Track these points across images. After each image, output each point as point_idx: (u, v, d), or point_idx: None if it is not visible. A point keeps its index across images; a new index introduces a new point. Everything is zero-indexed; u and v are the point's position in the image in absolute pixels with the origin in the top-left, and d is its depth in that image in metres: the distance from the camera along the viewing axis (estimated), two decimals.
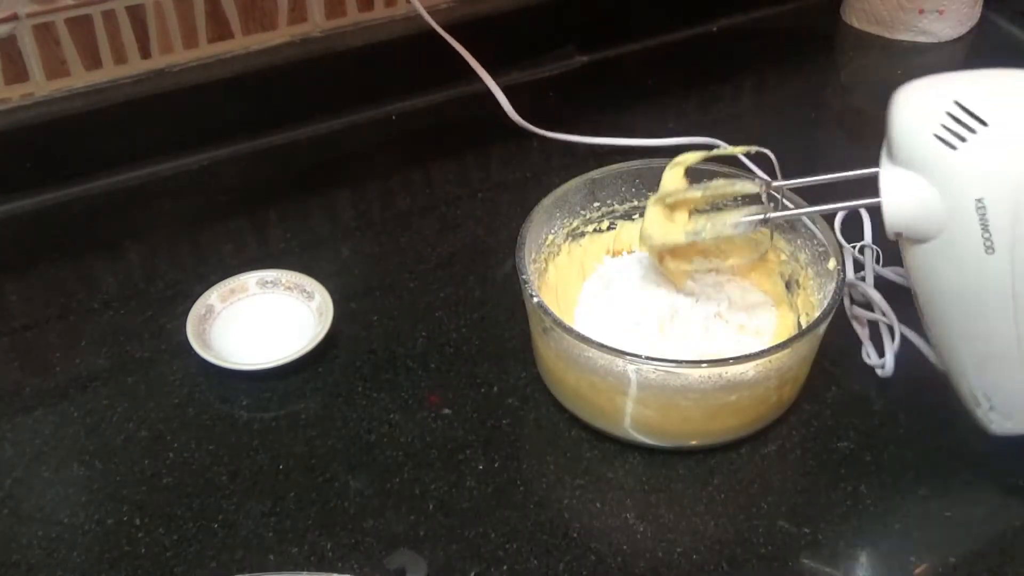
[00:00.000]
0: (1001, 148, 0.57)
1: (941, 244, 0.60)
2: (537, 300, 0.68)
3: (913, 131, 0.60)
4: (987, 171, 0.58)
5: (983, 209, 0.58)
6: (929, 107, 0.59)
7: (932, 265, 0.62)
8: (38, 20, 0.87)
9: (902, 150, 0.61)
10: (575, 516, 0.67)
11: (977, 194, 0.58)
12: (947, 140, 0.58)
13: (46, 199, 0.94)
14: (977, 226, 0.58)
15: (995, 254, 0.58)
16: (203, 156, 0.99)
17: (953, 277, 0.61)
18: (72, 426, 0.73)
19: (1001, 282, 0.59)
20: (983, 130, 0.57)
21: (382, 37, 1.02)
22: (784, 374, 0.67)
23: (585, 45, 1.12)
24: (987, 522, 0.66)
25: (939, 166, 0.59)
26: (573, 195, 0.78)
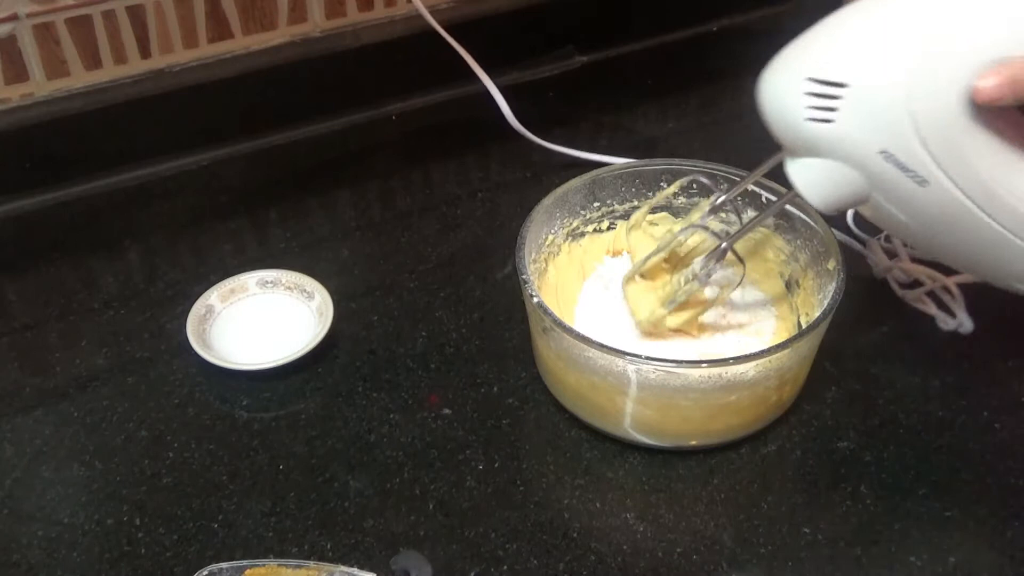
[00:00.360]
0: (872, 96, 0.56)
1: (881, 199, 0.60)
2: (537, 300, 0.68)
3: (787, 126, 0.59)
4: (872, 125, 0.57)
5: (890, 156, 0.57)
6: (789, 96, 0.58)
7: (888, 216, 0.61)
8: (38, 20, 0.87)
9: (788, 145, 0.61)
10: (575, 516, 0.67)
11: (876, 148, 0.57)
12: (821, 119, 0.57)
13: (46, 199, 0.94)
14: (897, 173, 0.57)
15: (929, 184, 0.57)
16: (203, 156, 0.99)
17: (913, 217, 0.60)
18: (72, 426, 0.73)
19: (951, 201, 0.58)
20: (847, 91, 0.56)
21: (382, 37, 1.02)
22: (784, 374, 0.67)
23: (585, 45, 1.12)
24: (987, 522, 0.66)
25: (828, 143, 0.58)
26: (573, 195, 0.78)
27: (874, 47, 0.56)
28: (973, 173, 0.57)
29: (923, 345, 0.78)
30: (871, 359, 0.77)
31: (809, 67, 0.57)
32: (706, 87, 1.07)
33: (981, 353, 0.77)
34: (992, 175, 0.57)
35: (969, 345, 0.77)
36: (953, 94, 0.54)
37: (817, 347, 0.70)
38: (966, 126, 0.55)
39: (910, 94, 0.55)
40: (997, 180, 0.57)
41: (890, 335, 0.79)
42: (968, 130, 0.55)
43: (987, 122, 0.55)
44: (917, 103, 0.55)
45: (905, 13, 0.56)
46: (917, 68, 0.55)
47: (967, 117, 0.55)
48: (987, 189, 0.57)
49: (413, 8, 1.01)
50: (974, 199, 0.57)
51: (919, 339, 0.78)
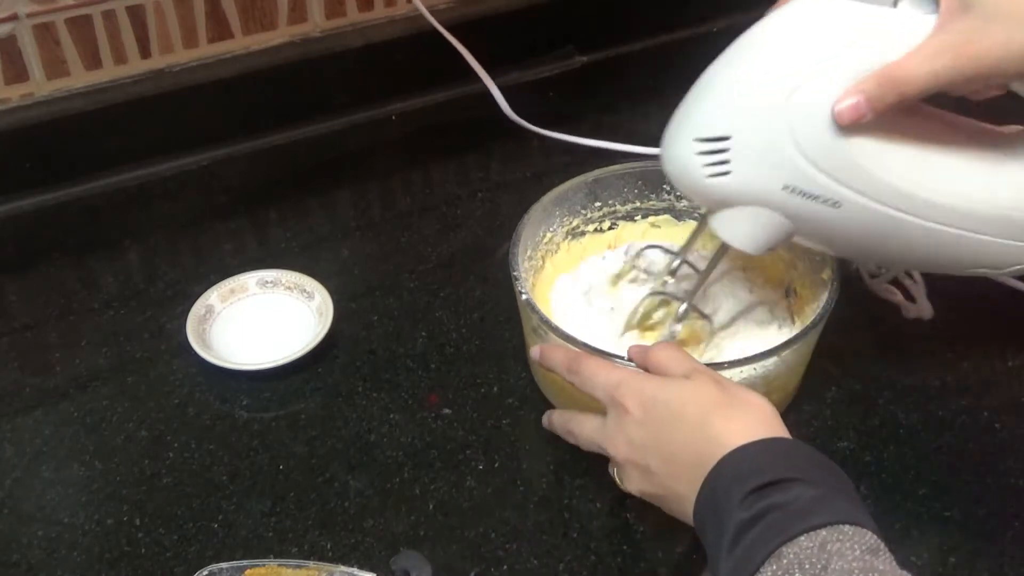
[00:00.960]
0: (755, 140, 0.59)
1: (806, 229, 0.63)
2: (526, 297, 0.68)
3: (692, 187, 0.62)
4: (766, 166, 0.59)
5: (795, 188, 0.59)
6: (684, 160, 0.61)
7: (821, 242, 0.65)
8: (38, 20, 0.87)
9: (701, 202, 0.64)
10: (575, 516, 0.67)
11: (779, 186, 0.60)
12: (718, 172, 0.60)
13: (46, 199, 0.94)
14: (807, 202, 0.60)
15: (842, 204, 0.60)
16: (203, 156, 0.99)
17: (843, 237, 0.63)
18: (72, 426, 0.73)
19: (869, 213, 0.60)
20: (731, 141, 0.59)
21: (382, 37, 1.02)
22: (771, 382, 0.66)
23: (585, 45, 1.12)
24: (987, 522, 0.66)
25: (733, 193, 0.61)
26: (574, 194, 0.78)
27: (743, 96, 0.59)
28: (877, 181, 0.59)
29: (923, 345, 0.78)
30: (871, 359, 0.77)
31: (692, 129, 0.61)
32: None
33: (981, 353, 0.77)
34: (896, 177, 0.59)
35: (969, 345, 0.77)
36: (828, 117, 0.57)
37: (808, 356, 0.70)
38: (852, 142, 0.58)
39: (789, 127, 0.58)
40: (903, 180, 0.59)
41: (890, 335, 0.79)
42: (856, 145, 0.58)
43: (869, 133, 0.58)
44: (798, 134, 0.58)
45: (762, 58, 0.59)
46: (786, 103, 0.58)
47: (848, 134, 0.58)
48: (897, 191, 0.59)
49: (413, 8, 1.01)
50: (889, 204, 0.60)
51: (919, 339, 0.78)
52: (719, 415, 0.56)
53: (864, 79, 0.56)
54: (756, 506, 0.50)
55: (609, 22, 1.12)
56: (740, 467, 0.53)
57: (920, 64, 0.55)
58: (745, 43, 0.61)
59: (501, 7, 1.05)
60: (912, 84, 0.55)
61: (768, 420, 0.56)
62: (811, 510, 0.49)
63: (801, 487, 0.51)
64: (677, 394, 0.58)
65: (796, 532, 0.48)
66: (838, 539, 0.48)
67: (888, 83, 0.56)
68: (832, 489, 0.51)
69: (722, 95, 0.60)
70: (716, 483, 0.54)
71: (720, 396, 0.57)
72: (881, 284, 0.79)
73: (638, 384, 0.60)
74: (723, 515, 0.52)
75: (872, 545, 0.48)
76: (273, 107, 1.00)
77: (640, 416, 0.59)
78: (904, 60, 0.55)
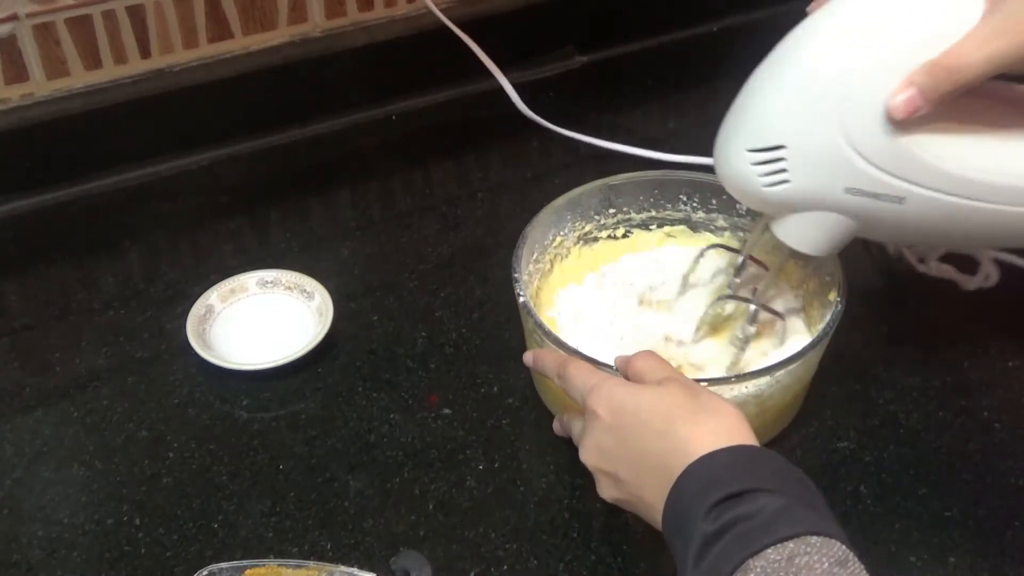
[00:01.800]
0: (811, 146, 0.58)
1: (871, 227, 0.62)
2: (523, 300, 0.68)
3: (752, 197, 0.62)
4: (825, 171, 0.59)
5: (857, 190, 0.59)
6: (740, 172, 0.61)
7: (885, 236, 0.65)
8: (38, 20, 0.87)
9: (763, 210, 0.64)
10: (575, 516, 0.67)
11: (841, 189, 0.59)
12: (777, 182, 0.60)
13: (46, 199, 0.94)
14: (871, 202, 0.59)
15: (906, 199, 0.59)
16: (203, 156, 0.99)
17: (908, 229, 0.62)
18: (72, 426, 0.73)
19: (933, 204, 0.59)
20: (787, 151, 0.59)
21: (382, 37, 1.02)
22: (764, 401, 0.66)
23: (585, 45, 1.12)
24: (987, 522, 0.66)
25: (795, 200, 0.60)
26: (588, 199, 0.77)
27: (793, 102, 0.58)
28: (939, 172, 0.58)
29: (923, 345, 0.78)
30: (871, 359, 0.77)
31: (744, 140, 0.60)
32: (706, 87, 1.07)
33: (981, 353, 0.77)
34: (957, 165, 0.58)
35: (969, 345, 0.77)
36: (882, 114, 0.56)
37: (806, 379, 0.69)
38: (910, 136, 0.57)
39: (844, 129, 0.57)
40: (965, 167, 0.58)
41: (890, 335, 0.79)
42: (914, 138, 0.57)
43: (926, 124, 0.57)
44: (854, 135, 0.57)
45: (808, 61, 0.58)
46: (838, 104, 0.57)
47: (905, 129, 0.56)
48: (960, 179, 0.58)
49: (413, 7, 1.02)
50: (953, 193, 0.59)
51: (919, 339, 0.78)
52: (684, 422, 0.55)
53: (916, 71, 0.55)
54: (722, 518, 0.49)
55: (609, 22, 1.12)
56: (704, 477, 0.52)
57: (974, 50, 0.54)
58: (789, 46, 0.60)
59: (501, 7, 1.05)
60: (967, 72, 0.54)
61: (734, 427, 0.55)
62: (777, 522, 0.48)
63: (767, 498, 0.49)
64: (646, 400, 0.57)
65: (763, 545, 0.47)
66: (805, 551, 0.47)
67: (942, 73, 0.54)
68: (798, 499, 0.50)
69: (771, 102, 0.60)
70: (681, 494, 0.53)
71: (687, 403, 0.56)
72: (932, 265, 0.79)
73: (609, 390, 0.59)
74: (688, 528, 0.51)
75: (840, 556, 0.47)
76: (273, 107, 1.00)
77: (609, 422, 0.58)
78: (957, 47, 0.54)
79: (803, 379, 0.69)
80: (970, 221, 0.60)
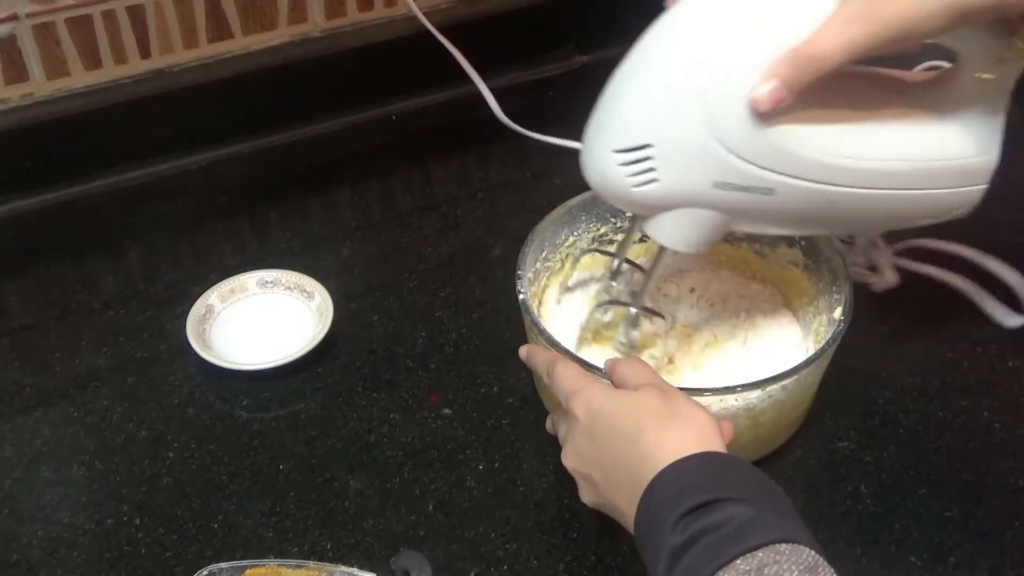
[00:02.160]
0: (677, 142, 0.57)
1: (743, 220, 0.61)
2: (523, 297, 0.68)
3: (620, 198, 0.60)
4: (693, 166, 0.58)
5: (725, 184, 0.58)
6: (608, 173, 0.59)
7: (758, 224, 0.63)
8: (38, 20, 0.87)
9: (633, 211, 0.63)
10: (575, 516, 0.67)
11: (709, 184, 0.58)
12: (645, 181, 0.58)
13: (46, 199, 0.94)
14: (741, 195, 0.58)
15: (776, 190, 0.58)
16: (203, 156, 0.99)
17: (781, 220, 0.62)
18: (72, 426, 0.73)
19: (804, 193, 0.58)
20: (654, 149, 0.57)
21: (382, 37, 1.02)
22: (756, 416, 0.65)
23: (585, 45, 1.12)
24: (987, 522, 0.66)
25: (664, 198, 0.59)
26: (603, 201, 0.76)
27: (656, 100, 0.57)
28: (807, 161, 0.57)
29: (923, 345, 0.78)
30: (871, 359, 0.77)
31: (610, 140, 0.59)
32: None
33: (980, 353, 0.77)
34: (825, 152, 0.57)
35: (969, 345, 0.77)
36: (746, 107, 0.55)
37: (804, 396, 0.68)
38: (775, 127, 0.56)
39: (709, 124, 0.56)
40: (832, 154, 0.58)
41: (890, 335, 0.79)
42: (779, 129, 0.56)
43: (791, 114, 0.56)
44: (720, 130, 0.56)
45: (668, 57, 0.57)
46: (701, 100, 0.56)
47: (770, 120, 0.56)
48: (828, 167, 0.58)
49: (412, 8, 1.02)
50: (821, 181, 0.58)
51: (919, 339, 0.78)
52: (654, 428, 0.54)
53: (778, 61, 0.54)
54: (689, 529, 0.49)
55: (609, 22, 1.12)
56: (672, 486, 0.52)
57: (833, 37, 0.53)
58: (648, 44, 0.59)
59: (501, 7, 1.05)
60: (828, 60, 0.53)
61: (704, 433, 0.54)
62: (745, 531, 0.48)
63: (735, 507, 0.49)
64: (619, 405, 0.57)
65: (732, 556, 0.46)
66: (775, 560, 0.46)
67: (803, 62, 0.53)
68: (766, 506, 0.50)
69: (634, 101, 0.58)
70: (650, 503, 0.52)
71: (660, 408, 0.56)
72: (853, 268, 0.78)
73: (589, 394, 0.59)
74: (657, 540, 0.50)
75: (810, 563, 0.46)
76: (273, 107, 1.00)
77: (587, 426, 0.58)
78: (816, 36, 0.53)
79: (800, 395, 0.68)
80: (840, 208, 0.60)
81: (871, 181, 0.59)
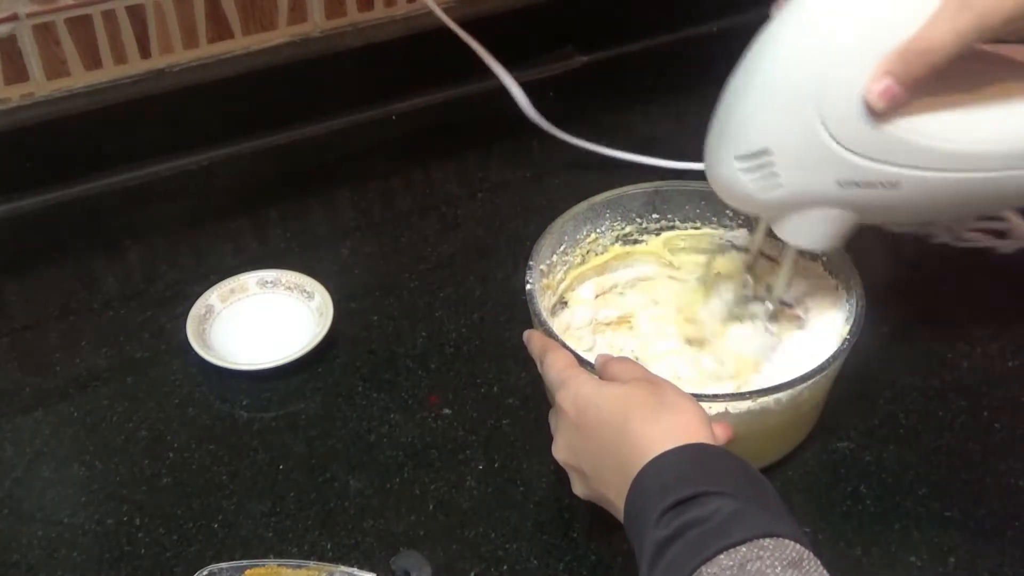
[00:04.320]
0: (796, 146, 0.58)
1: (869, 215, 0.62)
2: (529, 288, 0.68)
3: (748, 203, 0.62)
4: (814, 168, 0.59)
5: (849, 182, 0.59)
6: (731, 181, 0.61)
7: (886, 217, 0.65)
8: (38, 20, 0.87)
9: (762, 214, 0.64)
10: (575, 516, 0.67)
11: (833, 182, 0.59)
12: (769, 186, 0.60)
13: (46, 199, 0.94)
14: (865, 191, 0.59)
15: (900, 184, 0.58)
16: (203, 156, 0.99)
17: (906, 211, 0.62)
18: (72, 426, 0.73)
19: (928, 183, 0.59)
20: (773, 154, 0.58)
21: (382, 37, 1.02)
22: (752, 426, 0.64)
23: (585, 45, 1.12)
24: (987, 522, 0.66)
25: (789, 201, 0.60)
26: (630, 200, 0.77)
27: (772, 105, 0.58)
28: (928, 151, 0.58)
29: (923, 345, 0.78)
30: (871, 359, 0.76)
31: (731, 148, 0.60)
32: (706, 87, 1.06)
33: (980, 353, 0.77)
34: (943, 140, 0.57)
35: (969, 345, 0.77)
36: (861, 106, 0.56)
37: (799, 413, 0.67)
38: (893, 122, 0.56)
39: (826, 126, 0.57)
40: (952, 141, 0.58)
41: (891, 334, 0.79)
42: (897, 123, 0.56)
43: (907, 106, 0.56)
44: (837, 130, 0.57)
45: (780, 62, 0.58)
46: (816, 102, 0.56)
47: (887, 116, 0.56)
48: (950, 154, 0.58)
49: (413, 8, 1.01)
50: (944, 168, 0.58)
51: (919, 339, 0.78)
52: (642, 420, 0.54)
53: (888, 59, 0.54)
54: (674, 523, 0.49)
55: (609, 22, 1.12)
56: (657, 480, 0.51)
57: (942, 29, 0.53)
58: (761, 49, 0.60)
59: (501, 6, 1.05)
60: (939, 52, 0.53)
61: (690, 425, 0.54)
62: (729, 526, 0.47)
63: (719, 500, 0.49)
64: (608, 398, 0.57)
65: (715, 551, 0.46)
66: (758, 556, 0.46)
67: (915, 57, 0.54)
68: (751, 499, 0.49)
69: (751, 108, 0.60)
70: (637, 496, 0.52)
71: (648, 400, 0.55)
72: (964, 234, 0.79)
73: (577, 386, 0.58)
74: (642, 533, 0.50)
75: (793, 558, 0.46)
76: (273, 107, 1.00)
77: (575, 419, 0.58)
78: (925, 29, 0.53)
79: (795, 413, 0.66)
80: (965, 193, 0.60)
81: (994, 163, 0.59)
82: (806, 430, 0.71)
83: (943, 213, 0.67)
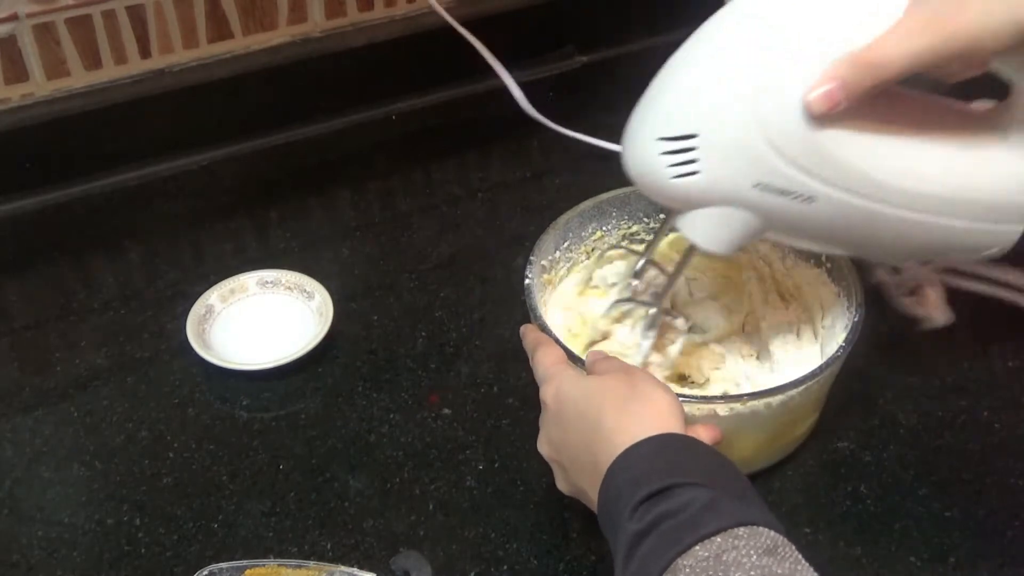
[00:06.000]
0: (725, 136, 0.56)
1: (777, 226, 0.60)
2: (528, 282, 0.68)
3: (657, 189, 0.59)
4: (736, 164, 0.56)
5: (766, 186, 0.56)
6: (648, 160, 0.58)
7: (791, 233, 0.61)
8: (38, 20, 0.87)
9: (667, 204, 0.61)
10: (575, 516, 0.67)
11: (750, 184, 0.57)
12: (685, 173, 0.57)
13: (46, 199, 0.94)
14: (780, 199, 0.57)
15: (816, 199, 0.57)
16: (203, 156, 0.99)
17: (815, 231, 0.60)
18: (72, 426, 0.73)
19: (843, 205, 0.57)
20: (699, 139, 0.56)
21: (382, 37, 1.02)
22: (741, 429, 0.64)
23: (585, 45, 1.12)
24: (987, 522, 0.66)
25: (701, 194, 0.58)
26: (637, 200, 0.76)
27: (709, 90, 0.56)
28: (853, 173, 0.56)
29: (923, 345, 0.78)
30: (871, 359, 0.76)
31: (655, 128, 0.57)
32: None
33: (980, 353, 0.77)
34: (872, 167, 0.56)
35: (969, 345, 0.77)
36: (800, 109, 0.54)
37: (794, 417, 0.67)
38: (826, 133, 0.55)
39: (760, 121, 0.55)
40: (879, 169, 0.56)
41: (890, 335, 0.79)
42: (830, 136, 0.55)
43: (843, 122, 0.55)
44: (770, 128, 0.55)
45: (726, 49, 0.56)
46: (755, 95, 0.55)
47: (822, 125, 0.54)
48: (873, 182, 0.56)
49: (414, 8, 1.01)
50: (864, 195, 0.57)
51: (919, 339, 0.78)
52: (614, 410, 0.54)
53: (837, 64, 0.52)
54: (647, 517, 0.48)
55: (609, 22, 1.12)
56: (628, 473, 0.51)
57: (897, 45, 0.51)
58: (707, 34, 0.58)
59: (501, 7, 1.05)
60: (890, 67, 0.52)
61: (663, 415, 0.54)
62: (703, 516, 0.47)
63: (692, 491, 0.48)
64: (583, 390, 0.57)
65: (690, 542, 0.46)
66: (733, 545, 0.45)
67: (864, 67, 0.52)
68: (724, 489, 0.49)
69: (686, 90, 0.57)
70: (609, 490, 0.52)
71: (621, 391, 0.55)
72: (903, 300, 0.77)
73: (559, 381, 0.58)
74: (616, 527, 0.50)
75: (768, 546, 0.46)
76: (273, 107, 1.00)
77: (555, 412, 0.58)
78: (880, 42, 0.52)
79: (789, 416, 0.66)
80: (874, 226, 0.59)
81: (912, 203, 0.58)
82: (802, 435, 0.70)
83: (846, 245, 0.64)
